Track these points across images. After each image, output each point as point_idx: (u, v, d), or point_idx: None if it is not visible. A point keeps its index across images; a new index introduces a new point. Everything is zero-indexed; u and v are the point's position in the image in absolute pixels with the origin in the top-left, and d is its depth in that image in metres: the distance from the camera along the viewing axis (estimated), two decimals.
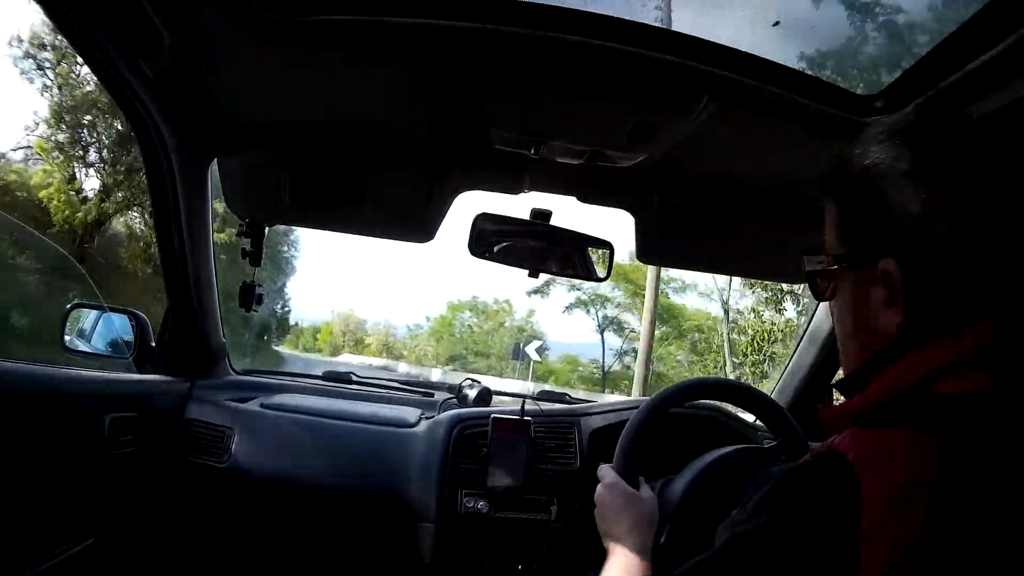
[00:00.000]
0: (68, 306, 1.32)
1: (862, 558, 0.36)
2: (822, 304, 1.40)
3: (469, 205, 1.19)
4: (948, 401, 0.41)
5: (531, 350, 19.11)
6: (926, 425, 0.40)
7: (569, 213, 1.32)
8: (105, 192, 11.02)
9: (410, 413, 1.36)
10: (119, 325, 1.32)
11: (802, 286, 1.32)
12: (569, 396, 1.52)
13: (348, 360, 27.99)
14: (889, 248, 0.45)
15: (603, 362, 22.66)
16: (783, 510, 0.41)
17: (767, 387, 1.53)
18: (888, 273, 0.44)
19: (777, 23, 0.74)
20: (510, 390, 1.62)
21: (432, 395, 1.54)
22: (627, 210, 1.18)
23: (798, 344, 1.48)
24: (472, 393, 1.43)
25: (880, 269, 0.45)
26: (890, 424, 0.41)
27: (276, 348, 25.47)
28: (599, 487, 0.88)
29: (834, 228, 0.51)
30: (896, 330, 0.45)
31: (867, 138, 0.48)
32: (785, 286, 11.96)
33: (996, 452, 0.38)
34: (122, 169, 10.96)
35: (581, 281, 1.37)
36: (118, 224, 12.00)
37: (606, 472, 0.89)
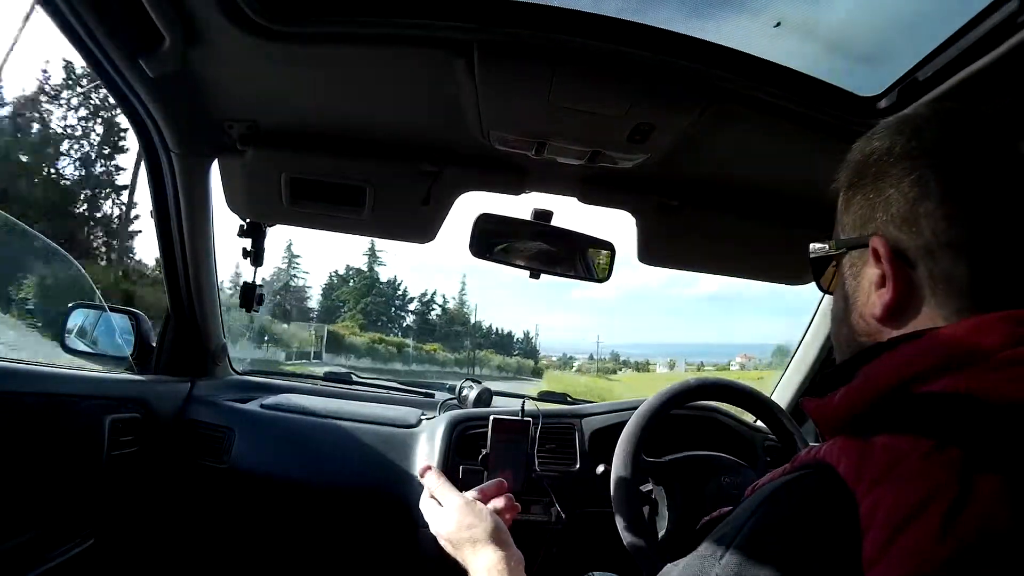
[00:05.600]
0: (68, 306, 1.32)
1: None
2: (823, 304, 1.40)
3: (470, 205, 1.19)
4: (938, 402, 0.39)
5: None
6: (921, 430, 0.37)
7: (570, 214, 1.32)
8: None
9: (410, 414, 1.36)
10: (119, 325, 1.32)
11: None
12: (569, 397, 1.51)
13: None
14: (881, 228, 0.45)
15: None
16: (776, 538, 0.38)
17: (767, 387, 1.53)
18: (876, 251, 0.45)
19: (778, 24, 0.73)
20: (510, 391, 1.62)
21: (432, 396, 1.54)
22: (628, 211, 1.18)
23: (799, 343, 1.48)
24: (472, 394, 1.43)
25: (871, 248, 0.45)
26: (881, 431, 0.39)
27: None
28: (424, 495, 0.77)
29: (839, 216, 0.52)
30: (883, 311, 0.45)
31: (871, 131, 0.49)
32: None
33: (1002, 456, 0.36)
34: None
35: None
36: None
37: (431, 481, 0.76)
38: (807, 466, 0.42)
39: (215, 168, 1.12)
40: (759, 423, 1.29)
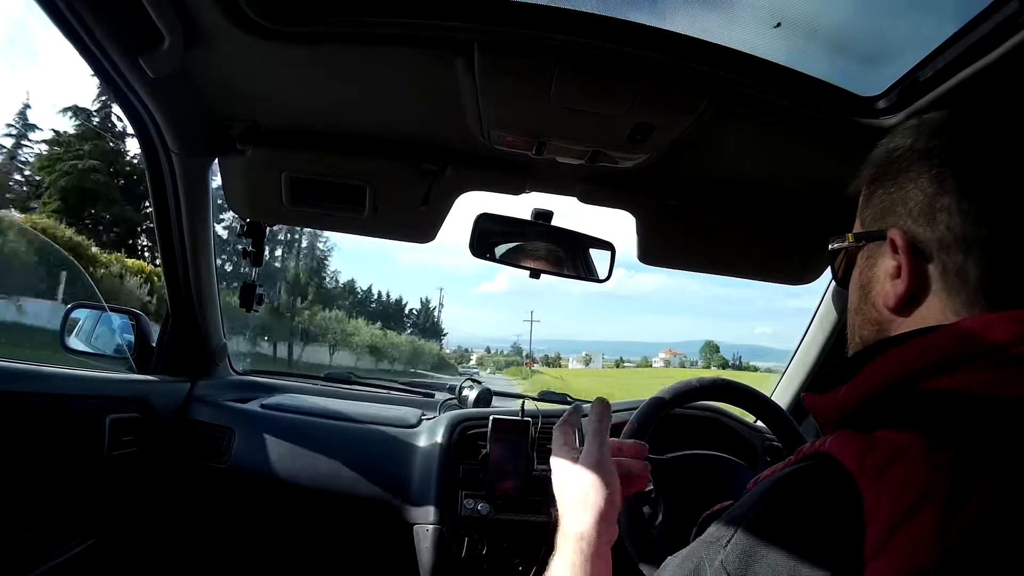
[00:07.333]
0: (68, 306, 1.32)
1: (867, 573, 0.34)
2: (824, 303, 1.40)
3: (470, 205, 1.19)
4: (941, 399, 0.39)
5: None
6: (922, 427, 0.37)
7: (570, 214, 1.32)
8: None
9: (410, 414, 1.36)
10: (119, 325, 1.32)
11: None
12: (570, 397, 1.51)
13: None
14: (900, 221, 0.47)
15: None
16: (781, 526, 0.38)
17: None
18: (894, 242, 0.46)
19: (779, 25, 0.73)
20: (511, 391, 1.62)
21: (432, 396, 1.55)
22: (628, 210, 1.18)
23: (800, 343, 1.48)
24: (472, 394, 1.43)
25: (888, 239, 0.47)
26: (883, 426, 0.39)
27: None
28: (568, 422, 0.67)
29: (860, 211, 0.53)
30: (896, 301, 0.46)
31: (896, 129, 0.50)
32: None
33: (1000, 456, 0.35)
34: None
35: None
36: None
37: (594, 422, 0.63)
38: (810, 458, 0.42)
39: (215, 168, 1.13)
40: (760, 423, 1.29)
